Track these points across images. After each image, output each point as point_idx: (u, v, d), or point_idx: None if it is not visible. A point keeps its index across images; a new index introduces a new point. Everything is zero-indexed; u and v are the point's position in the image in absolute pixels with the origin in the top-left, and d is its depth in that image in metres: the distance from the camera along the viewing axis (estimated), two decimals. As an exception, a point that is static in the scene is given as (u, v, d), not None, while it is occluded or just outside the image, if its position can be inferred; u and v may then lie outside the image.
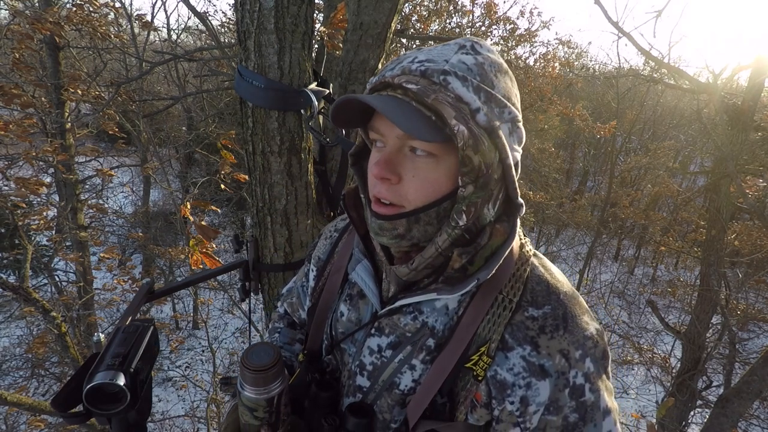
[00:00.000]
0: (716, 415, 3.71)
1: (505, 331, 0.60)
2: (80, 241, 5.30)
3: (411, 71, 0.56)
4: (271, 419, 0.65)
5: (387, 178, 0.57)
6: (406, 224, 0.59)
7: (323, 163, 1.45)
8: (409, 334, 0.64)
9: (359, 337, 0.69)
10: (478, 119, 0.54)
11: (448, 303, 0.63)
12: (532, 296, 0.61)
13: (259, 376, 0.62)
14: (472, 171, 0.54)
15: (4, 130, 3.15)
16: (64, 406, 0.66)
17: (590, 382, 0.58)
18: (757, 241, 6.85)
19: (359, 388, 0.68)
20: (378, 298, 0.67)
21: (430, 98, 0.52)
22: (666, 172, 11.63)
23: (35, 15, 3.69)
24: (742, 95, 4.91)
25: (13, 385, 5.83)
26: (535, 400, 0.58)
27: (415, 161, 0.57)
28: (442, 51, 0.57)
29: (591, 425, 0.58)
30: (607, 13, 4.63)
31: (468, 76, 0.55)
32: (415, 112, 0.53)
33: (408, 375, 0.63)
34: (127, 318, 0.92)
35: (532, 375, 0.58)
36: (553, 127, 11.92)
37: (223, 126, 7.54)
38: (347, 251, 0.77)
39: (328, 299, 0.76)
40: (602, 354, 0.60)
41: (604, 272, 12.61)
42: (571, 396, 0.57)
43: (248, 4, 1.09)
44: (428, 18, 7.39)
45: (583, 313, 0.61)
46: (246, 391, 0.63)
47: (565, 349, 0.58)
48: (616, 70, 9.62)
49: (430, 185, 0.57)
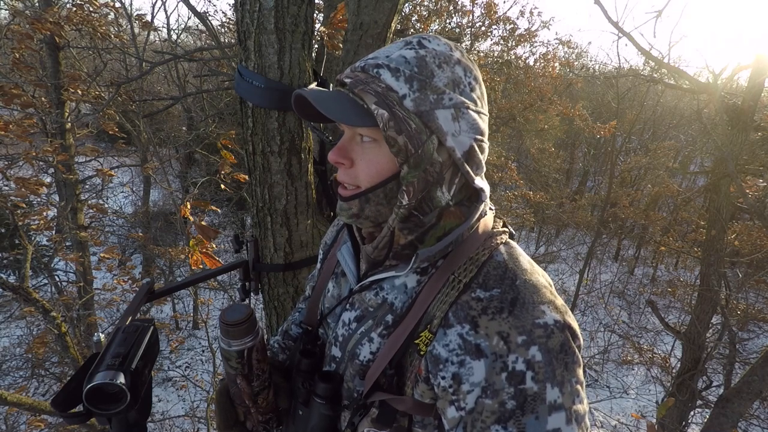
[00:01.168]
0: (716, 415, 3.71)
1: (450, 310, 0.61)
2: (80, 241, 5.30)
3: (354, 68, 0.64)
4: (244, 370, 0.71)
5: (341, 162, 0.64)
6: (359, 204, 0.65)
7: (323, 163, 1.45)
8: (372, 309, 0.69)
9: (338, 311, 0.77)
10: (406, 104, 0.59)
11: (407, 282, 0.67)
12: (485, 279, 0.62)
13: (230, 329, 0.68)
14: (401, 151, 0.59)
15: (4, 130, 3.15)
16: (64, 406, 0.66)
17: (533, 371, 0.55)
18: (757, 241, 6.85)
19: (333, 357, 0.75)
20: (355, 276, 0.74)
21: (357, 88, 0.59)
22: (666, 172, 11.64)
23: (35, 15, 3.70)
24: (742, 95, 4.91)
25: (13, 385, 5.84)
26: (469, 380, 0.57)
27: (363, 146, 0.63)
28: (389, 48, 0.63)
29: (532, 416, 0.54)
30: (607, 13, 4.64)
31: (401, 67, 0.60)
32: (349, 101, 0.60)
33: (367, 347, 0.68)
34: (127, 318, 0.92)
35: (467, 353, 0.58)
36: (553, 127, 11.91)
37: (223, 126, 7.54)
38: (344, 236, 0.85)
39: (324, 278, 0.85)
40: (560, 347, 0.56)
41: (604, 272, 12.61)
42: (509, 381, 0.55)
43: (248, 4, 1.09)
44: (428, 18, 7.39)
45: (543, 303, 0.59)
46: (222, 343, 0.70)
47: (504, 331, 0.57)
48: (616, 70, 9.61)
49: (374, 167, 0.63)
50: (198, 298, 6.98)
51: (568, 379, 0.56)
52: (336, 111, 0.59)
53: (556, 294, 0.63)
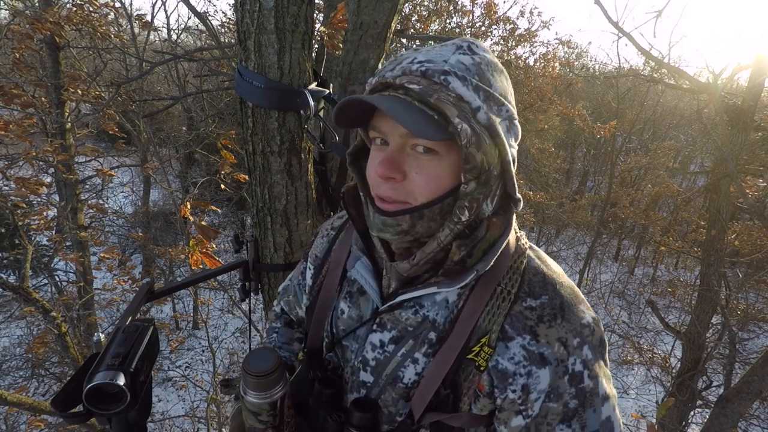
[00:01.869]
0: (716, 415, 3.71)
1: (505, 322, 0.61)
2: (80, 241, 5.30)
3: (412, 71, 0.57)
4: (275, 422, 0.66)
5: (392, 177, 0.58)
6: (410, 220, 0.59)
7: (323, 163, 1.45)
8: (411, 328, 0.65)
9: (361, 333, 0.70)
10: (479, 117, 0.56)
11: (448, 296, 0.64)
12: (530, 287, 0.63)
13: (260, 381, 0.63)
14: (475, 168, 0.55)
15: (4, 130, 3.15)
16: (64, 406, 0.66)
17: (588, 368, 0.60)
18: (757, 241, 6.85)
19: (363, 383, 0.69)
20: (378, 294, 0.68)
21: (432, 98, 0.53)
22: (666, 172, 11.63)
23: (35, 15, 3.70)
24: (742, 95, 4.91)
25: (13, 385, 5.83)
26: (536, 388, 0.59)
27: (418, 159, 0.58)
28: (440, 52, 0.58)
29: (591, 411, 0.59)
30: (607, 13, 4.63)
31: (467, 75, 0.56)
32: (418, 111, 0.54)
33: (411, 368, 0.64)
34: (127, 318, 0.91)
35: (533, 363, 0.59)
36: (553, 127, 11.91)
37: (223, 126, 7.54)
38: (345, 249, 0.78)
39: (327, 297, 0.77)
40: (599, 341, 0.62)
41: (604, 272, 12.61)
42: (570, 383, 0.59)
43: (248, 4, 1.09)
44: (428, 18, 7.39)
45: (579, 302, 0.63)
46: (249, 396, 0.64)
47: (563, 337, 0.59)
48: (616, 70, 9.61)
49: (434, 182, 0.58)
50: (198, 298, 6.97)
51: (606, 368, 0.62)
52: (411, 122, 0.53)
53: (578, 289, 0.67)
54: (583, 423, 0.59)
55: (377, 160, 0.60)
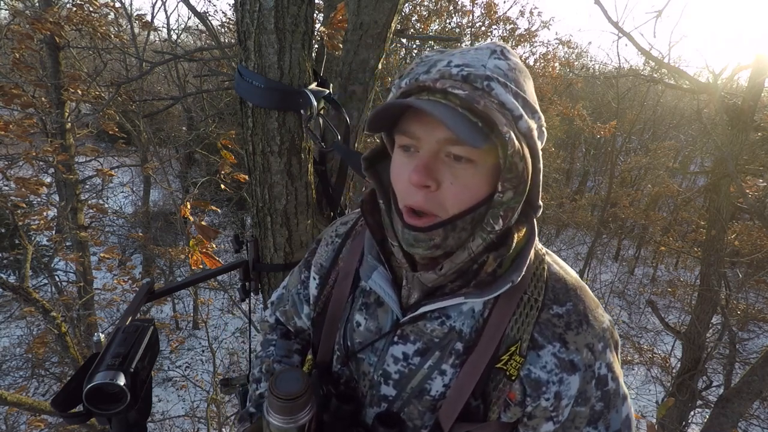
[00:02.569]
0: (716, 415, 3.71)
1: (534, 330, 0.61)
2: (80, 241, 5.30)
3: (452, 75, 0.54)
4: None
5: (427, 185, 0.55)
6: (443, 233, 0.57)
7: (323, 163, 1.45)
8: (437, 339, 0.63)
9: (380, 345, 0.68)
10: (520, 126, 0.54)
11: (474, 306, 0.63)
12: (554, 294, 0.63)
13: (288, 405, 0.61)
14: (516, 177, 0.54)
15: (4, 130, 3.15)
16: (64, 406, 0.66)
17: (612, 371, 0.62)
18: (757, 241, 6.85)
19: (384, 397, 0.67)
20: (398, 305, 0.65)
21: (480, 104, 0.51)
22: (666, 172, 11.63)
23: (35, 15, 3.70)
24: (742, 95, 4.91)
25: (13, 385, 5.83)
26: (567, 394, 0.60)
27: (453, 167, 0.55)
28: (476, 56, 0.56)
29: (614, 411, 0.62)
30: (607, 13, 4.64)
31: (507, 81, 0.55)
32: (461, 117, 0.51)
33: (439, 380, 0.63)
34: (127, 318, 0.91)
35: (564, 371, 0.60)
36: (553, 127, 11.90)
37: (223, 126, 7.54)
38: (354, 257, 0.74)
39: (337, 308, 0.73)
40: (616, 343, 0.64)
41: (604, 272, 12.60)
42: (597, 386, 0.61)
43: (248, 4, 1.09)
44: (428, 18, 7.39)
45: (597, 306, 0.65)
46: (274, 420, 0.61)
47: (590, 342, 0.61)
48: (616, 70, 9.61)
49: (469, 191, 0.55)
50: (198, 298, 6.98)
51: (621, 369, 0.64)
52: (460, 129, 0.49)
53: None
54: (607, 423, 0.62)
55: (410, 167, 0.56)
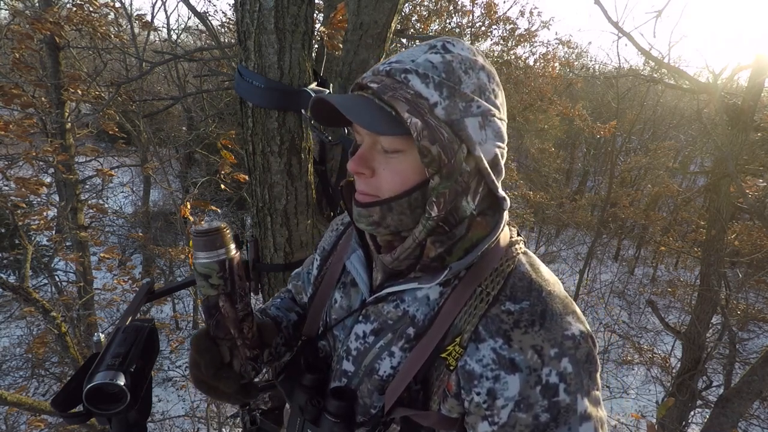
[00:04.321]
0: (716, 415, 3.71)
1: (480, 323, 0.60)
2: (80, 241, 5.30)
3: (378, 72, 0.60)
4: (227, 288, 0.65)
5: (361, 172, 0.62)
6: (380, 212, 0.62)
7: (323, 163, 1.45)
8: (391, 321, 0.67)
9: (348, 323, 0.73)
10: (437, 113, 0.57)
11: (430, 294, 0.65)
12: (512, 291, 0.62)
13: (207, 238, 0.63)
14: (433, 161, 0.56)
15: (4, 130, 3.15)
16: (64, 406, 0.66)
17: (566, 383, 0.56)
18: (757, 241, 6.85)
19: (344, 372, 0.71)
20: (367, 287, 0.71)
21: (386, 95, 0.56)
22: (666, 172, 11.64)
23: (35, 15, 3.70)
24: (742, 95, 4.91)
25: (13, 385, 5.83)
26: (504, 394, 0.57)
27: (386, 156, 0.61)
28: (413, 52, 0.61)
29: (565, 428, 0.55)
30: (607, 13, 4.64)
31: (430, 73, 0.57)
32: (376, 108, 0.57)
33: (387, 361, 0.66)
34: (127, 318, 0.91)
35: (502, 368, 0.57)
36: (553, 127, 11.92)
37: (223, 126, 7.54)
38: (348, 243, 0.81)
39: (327, 287, 0.80)
40: (586, 357, 0.58)
41: (604, 272, 12.60)
42: (543, 395, 0.56)
43: (248, 4, 1.09)
44: (428, 18, 7.39)
45: (568, 313, 0.60)
46: (199, 259, 0.64)
47: (538, 345, 0.57)
48: (616, 70, 9.61)
49: (399, 177, 0.60)
50: (198, 298, 6.97)
51: (593, 388, 0.58)
52: (365, 119, 0.56)
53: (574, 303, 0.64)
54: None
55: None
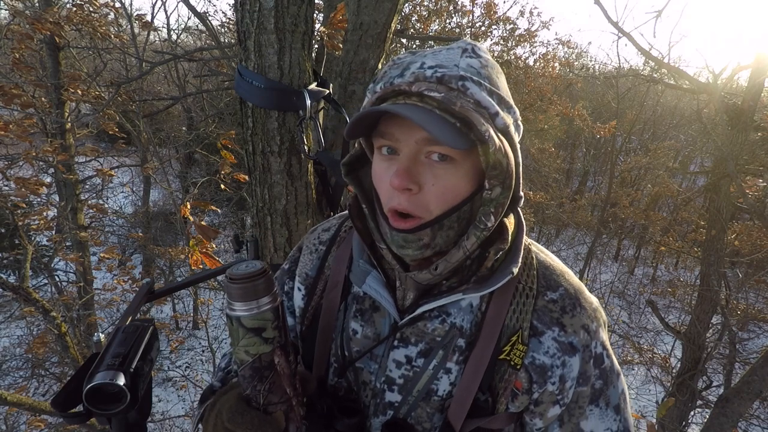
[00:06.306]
0: (716, 415, 3.71)
1: (533, 318, 0.63)
2: (80, 241, 5.30)
3: (426, 78, 0.55)
4: (281, 339, 0.56)
5: (409, 188, 0.54)
6: (431, 233, 0.57)
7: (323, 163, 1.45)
8: (439, 338, 0.63)
9: (379, 352, 0.66)
10: (497, 123, 0.56)
11: (472, 301, 0.64)
12: (546, 281, 0.65)
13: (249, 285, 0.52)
14: (502, 173, 0.54)
15: (4, 130, 3.15)
16: (64, 406, 0.66)
17: (605, 349, 0.64)
18: (757, 241, 6.85)
19: (389, 404, 0.66)
20: (395, 308, 0.64)
21: (456, 106, 0.51)
22: (666, 172, 11.64)
23: (35, 15, 3.69)
24: (742, 95, 4.91)
25: (13, 385, 5.83)
26: (570, 376, 0.62)
27: (434, 168, 0.55)
28: (448, 55, 0.56)
29: (612, 387, 0.64)
30: (607, 13, 4.64)
31: (480, 80, 0.55)
32: (440, 119, 0.51)
33: (445, 379, 0.63)
34: (127, 318, 0.91)
35: (565, 353, 0.62)
36: (553, 127, 11.91)
37: (223, 126, 7.54)
38: (341, 265, 0.72)
39: (329, 319, 0.71)
40: (605, 322, 0.67)
41: (604, 272, 12.59)
42: (595, 365, 0.63)
43: (248, 4, 1.09)
44: (428, 18, 7.40)
45: (583, 288, 0.67)
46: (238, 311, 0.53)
47: (585, 324, 0.63)
48: (616, 70, 9.61)
49: (451, 191, 0.56)
50: (198, 298, 6.98)
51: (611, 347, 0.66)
52: (448, 136, 0.49)
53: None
54: (607, 400, 0.64)
55: (391, 171, 0.56)
